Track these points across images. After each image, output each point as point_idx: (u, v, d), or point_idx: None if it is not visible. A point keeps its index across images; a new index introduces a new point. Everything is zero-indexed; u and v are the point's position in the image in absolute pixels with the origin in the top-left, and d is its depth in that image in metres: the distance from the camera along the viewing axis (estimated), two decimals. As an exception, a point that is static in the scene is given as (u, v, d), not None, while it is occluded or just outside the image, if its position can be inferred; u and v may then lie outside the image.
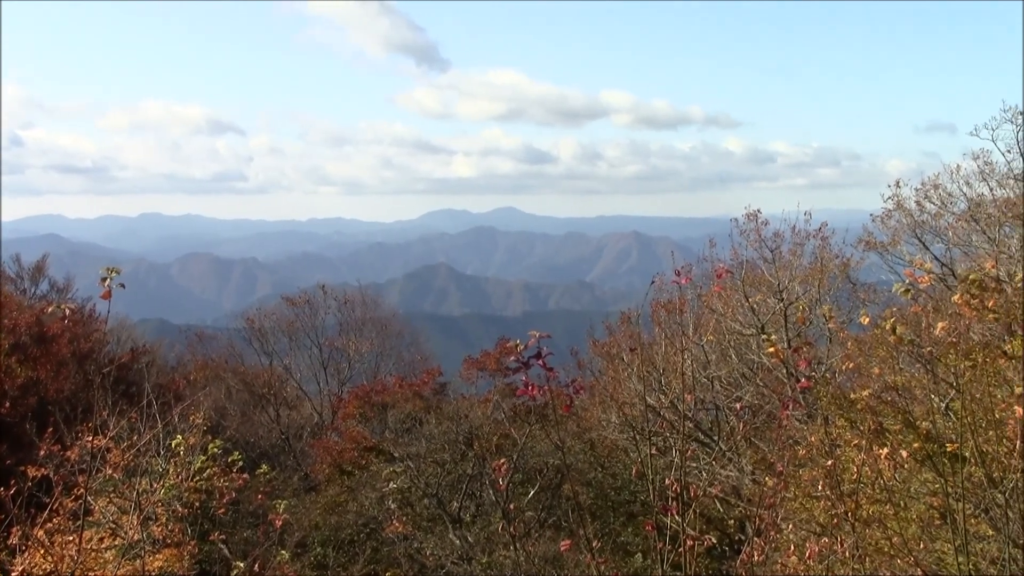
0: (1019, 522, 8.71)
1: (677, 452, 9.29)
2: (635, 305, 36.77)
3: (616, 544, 24.56)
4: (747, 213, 26.18)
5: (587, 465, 27.86)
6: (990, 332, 13.72)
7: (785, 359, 21.61)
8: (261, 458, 31.13)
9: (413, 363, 50.34)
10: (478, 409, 29.59)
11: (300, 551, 23.48)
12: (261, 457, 32.53)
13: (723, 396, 25.46)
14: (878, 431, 9.69)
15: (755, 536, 8.95)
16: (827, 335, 24.50)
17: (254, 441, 36.79)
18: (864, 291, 27.22)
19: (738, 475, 22.69)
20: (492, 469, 21.22)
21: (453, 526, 25.50)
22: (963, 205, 27.65)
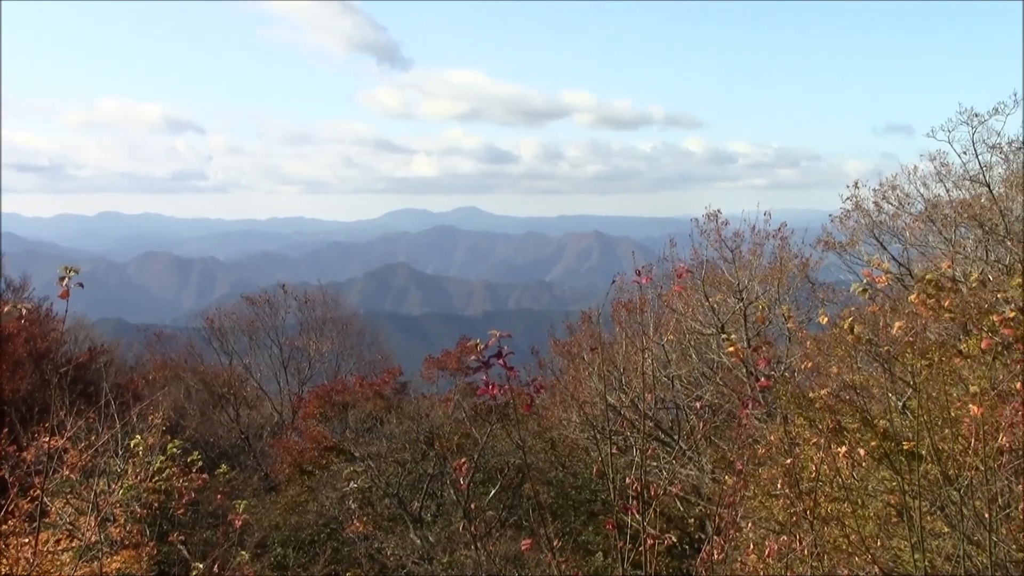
0: (974, 519, 8.81)
1: (638, 451, 9.33)
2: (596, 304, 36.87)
3: (577, 543, 24.61)
4: (707, 213, 26.32)
5: (548, 464, 27.89)
6: (946, 331, 13.86)
7: (745, 358, 21.72)
8: (221, 458, 30.98)
9: (374, 362, 50.25)
10: (439, 408, 29.59)
11: (260, 551, 23.37)
12: (221, 457, 32.37)
13: (683, 395, 25.57)
14: (836, 430, 9.76)
15: (715, 534, 9.01)
16: (786, 334, 24.65)
17: (213, 441, 36.59)
18: (823, 291, 27.42)
19: (698, 474, 22.79)
20: (453, 468, 21.24)
21: (414, 526, 25.47)
22: (920, 206, 27.91)
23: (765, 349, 18.86)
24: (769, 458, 11.48)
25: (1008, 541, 8.69)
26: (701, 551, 9.02)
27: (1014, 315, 8.16)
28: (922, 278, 8.84)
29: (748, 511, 11.31)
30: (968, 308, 9.83)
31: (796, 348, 23.09)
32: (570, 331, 36.20)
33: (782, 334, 25.42)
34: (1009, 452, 8.17)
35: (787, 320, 20.06)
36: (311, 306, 51.99)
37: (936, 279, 8.65)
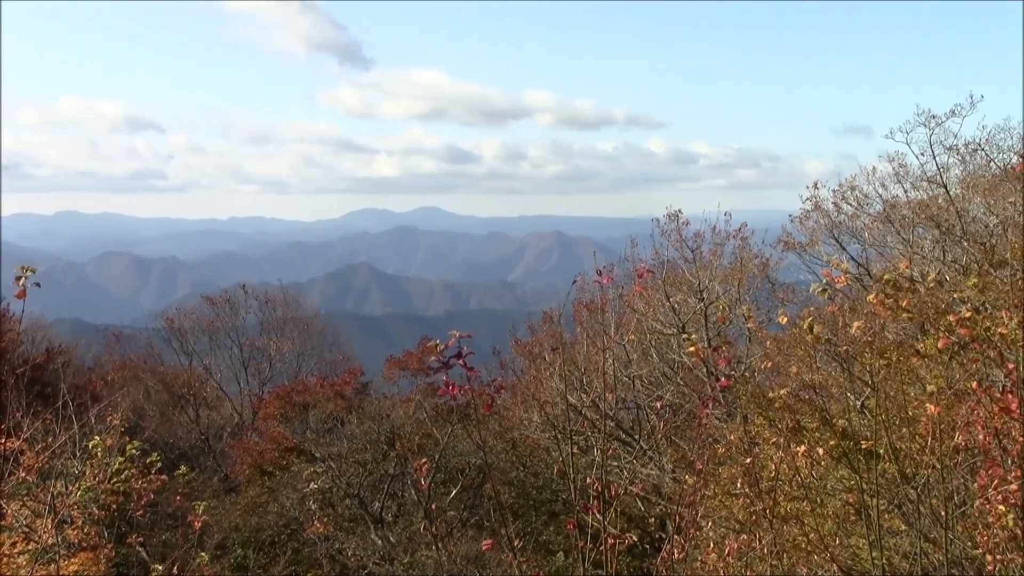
0: (930, 517, 8.88)
1: (598, 451, 9.34)
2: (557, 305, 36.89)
3: (538, 543, 24.63)
4: (668, 213, 26.40)
5: (509, 464, 27.90)
6: (904, 331, 13.97)
7: (705, 358, 21.79)
8: (180, 459, 30.78)
9: (335, 363, 50.06)
10: (400, 409, 29.54)
11: (220, 553, 23.26)
12: (180, 458, 32.16)
13: (644, 395, 25.63)
14: (796, 429, 9.81)
15: (675, 534, 9.03)
16: (746, 334, 24.78)
17: (173, 442, 36.37)
18: (783, 291, 27.58)
19: (659, 473, 22.85)
20: (414, 469, 21.22)
21: (375, 526, 25.44)
22: (879, 206, 28.12)
23: (725, 349, 18.93)
24: (729, 457, 11.53)
25: (963, 538, 8.77)
26: (662, 550, 9.05)
27: (970, 315, 8.24)
28: (880, 278, 8.90)
29: (708, 510, 11.36)
30: (925, 308, 9.91)
31: (756, 348, 23.23)
32: (531, 331, 36.20)
33: (742, 334, 25.55)
34: (965, 451, 8.25)
35: (747, 320, 20.16)
36: (272, 306, 51.75)
37: (894, 279, 8.72)
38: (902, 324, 12.39)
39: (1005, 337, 8.09)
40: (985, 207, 23.82)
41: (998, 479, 7.10)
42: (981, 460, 7.64)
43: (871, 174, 28.58)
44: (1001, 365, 8.64)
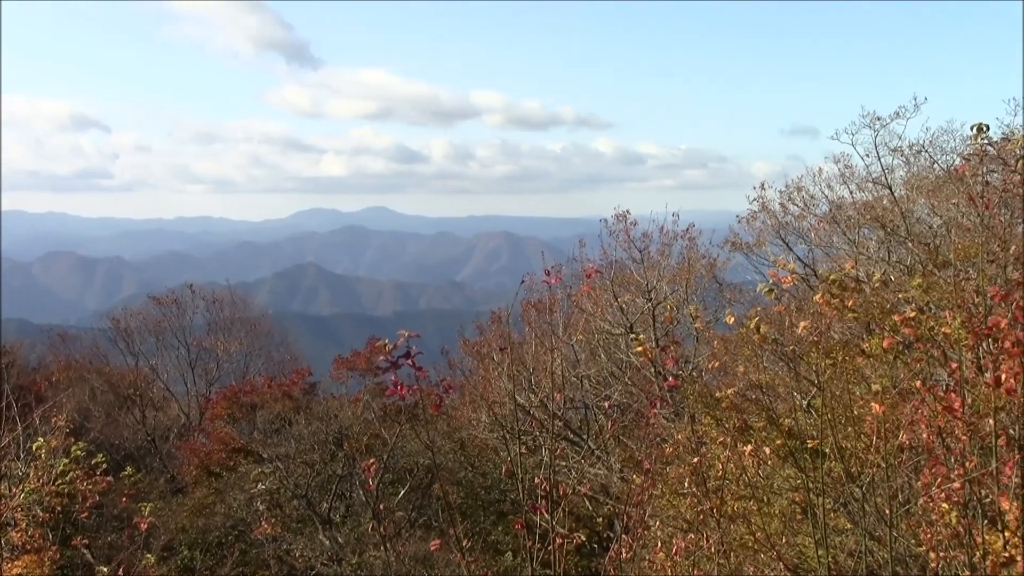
0: (875, 515, 8.95)
1: (547, 451, 9.35)
2: (506, 305, 36.84)
3: (486, 543, 24.64)
4: (616, 214, 26.46)
5: (457, 464, 27.90)
6: (850, 331, 14.09)
7: (653, 358, 21.87)
8: (126, 460, 30.47)
9: (283, 363, 49.84)
10: (348, 409, 29.43)
11: (166, 555, 23.07)
12: (126, 459, 31.83)
13: (592, 395, 25.70)
14: (743, 428, 9.86)
15: (623, 533, 9.05)
16: (694, 334, 24.88)
17: (119, 443, 36.02)
18: (730, 291, 27.74)
19: (607, 473, 22.91)
20: (362, 469, 21.15)
21: (323, 527, 25.34)
22: (825, 207, 28.35)
23: (673, 349, 18.99)
24: (677, 457, 11.56)
25: (908, 536, 8.84)
26: (610, 550, 9.06)
27: (914, 315, 8.31)
28: (826, 278, 8.97)
29: (656, 510, 11.39)
30: (871, 308, 9.98)
31: (703, 348, 23.34)
32: (480, 331, 36.23)
33: (690, 334, 25.65)
34: (909, 449, 8.31)
35: (695, 320, 20.23)
36: (219, 306, 51.39)
37: (840, 279, 8.78)
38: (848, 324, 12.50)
39: (949, 337, 8.16)
40: (929, 208, 24.06)
41: (941, 477, 7.15)
42: (925, 459, 7.70)
43: (817, 175, 28.83)
44: (945, 364, 8.71)
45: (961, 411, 7.05)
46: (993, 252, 11.40)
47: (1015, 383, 6.68)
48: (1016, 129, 22.39)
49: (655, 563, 9.85)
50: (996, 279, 10.46)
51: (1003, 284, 8.73)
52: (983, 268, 10.61)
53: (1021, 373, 6.65)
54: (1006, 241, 11.60)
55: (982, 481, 7.01)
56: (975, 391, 7.49)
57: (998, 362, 6.87)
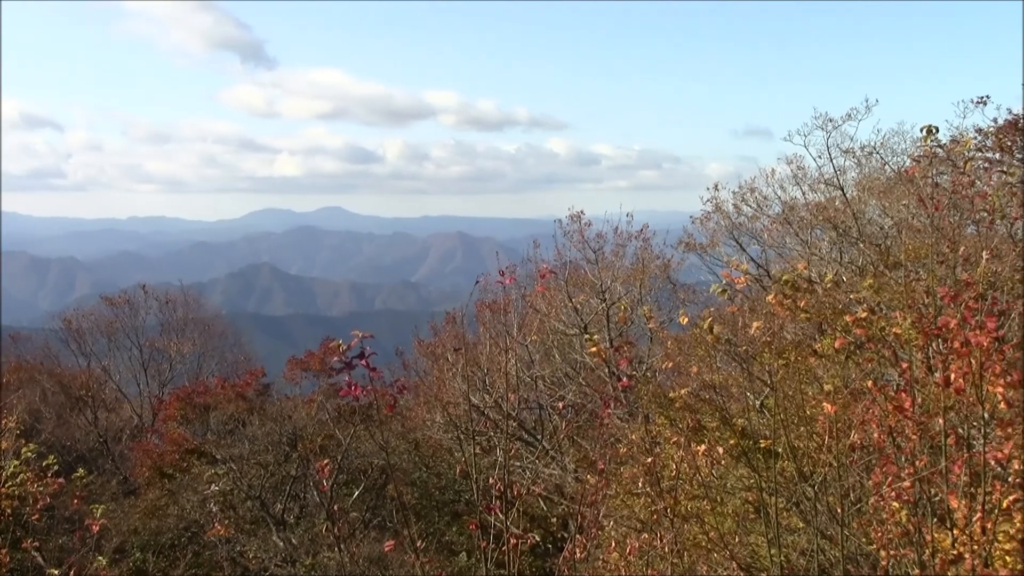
0: (827, 514, 9.01)
1: (501, 451, 9.35)
2: (460, 305, 36.79)
3: (441, 543, 24.62)
4: (571, 214, 26.48)
5: (412, 465, 27.86)
6: (802, 331, 14.18)
7: (607, 358, 21.95)
8: (78, 462, 30.19)
9: (236, 364, 49.56)
10: (302, 410, 29.32)
11: (118, 557, 22.89)
12: (78, 461, 31.54)
13: (547, 395, 25.71)
14: (696, 428, 9.89)
15: (577, 533, 9.06)
16: (648, 334, 24.98)
17: (70, 445, 35.68)
18: (683, 291, 27.87)
19: (561, 473, 22.94)
20: (316, 470, 21.06)
21: (277, 528, 25.22)
22: (777, 208, 28.55)
23: (627, 349, 19.07)
24: (631, 457, 11.59)
25: (859, 535, 8.90)
26: (564, 550, 9.07)
27: (866, 315, 8.37)
28: (779, 279, 9.02)
29: (610, 509, 11.42)
30: (823, 308, 10.06)
31: (657, 348, 23.43)
32: (434, 332, 36.18)
33: (644, 334, 25.76)
34: (860, 449, 8.37)
35: (648, 320, 20.35)
36: (172, 307, 51.01)
37: (792, 280, 8.83)
38: (800, 324, 12.57)
39: (899, 337, 8.23)
40: (880, 209, 24.27)
41: (892, 476, 7.21)
42: (876, 458, 7.76)
43: (770, 176, 29.05)
44: (895, 364, 8.79)
45: (911, 411, 7.11)
46: (943, 253, 11.51)
47: (964, 383, 6.75)
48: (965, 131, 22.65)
49: (609, 563, 9.87)
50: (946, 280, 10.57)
51: (952, 285, 8.82)
52: (933, 269, 10.72)
53: (970, 373, 6.71)
54: (955, 242, 11.72)
55: (931, 480, 7.07)
56: (925, 391, 7.56)
57: (947, 362, 6.93)
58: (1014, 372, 6.78)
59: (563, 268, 25.64)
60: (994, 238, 14.44)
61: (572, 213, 26.50)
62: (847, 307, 11.23)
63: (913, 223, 19.82)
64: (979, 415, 6.91)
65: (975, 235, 14.20)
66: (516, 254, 30.29)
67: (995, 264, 12.27)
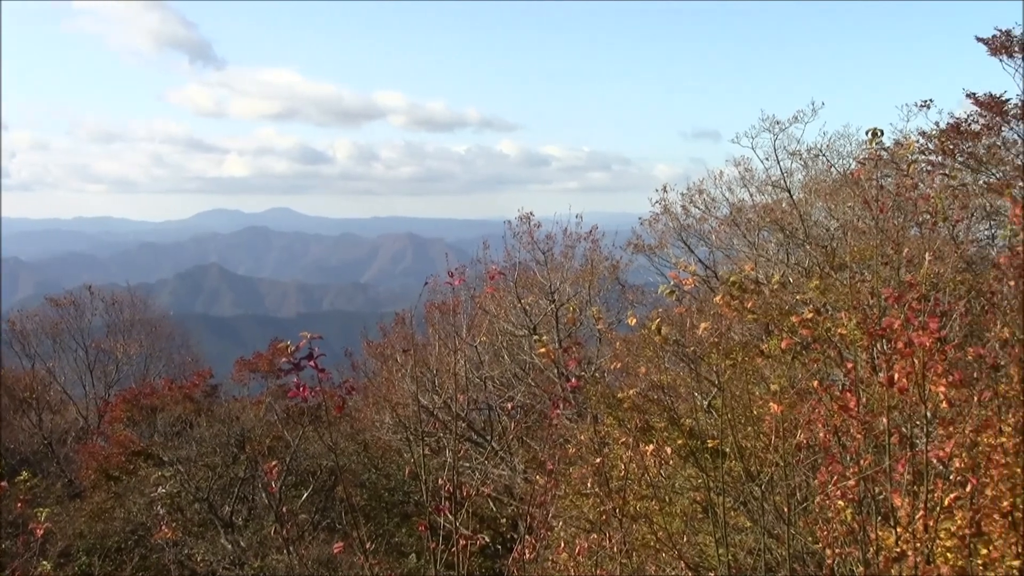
0: (774, 513, 9.09)
1: (450, 452, 9.36)
2: (409, 306, 36.70)
3: (390, 545, 24.57)
4: (520, 215, 26.52)
5: (361, 466, 27.80)
6: (749, 332, 14.29)
7: (556, 359, 22.01)
8: (22, 465, 29.92)
9: (184, 365, 49.16)
10: (250, 411, 29.17)
11: (63, 561, 22.67)
12: (22, 464, 31.25)
13: (496, 396, 25.73)
14: (644, 429, 9.96)
15: (527, 534, 9.08)
16: (596, 335, 25.08)
17: (14, 447, 35.31)
18: (632, 292, 27.98)
19: (510, 474, 22.97)
20: (264, 472, 20.99)
21: (225, 530, 25.08)
22: (725, 210, 28.74)
23: (575, 350, 19.15)
24: (579, 457, 11.64)
25: (805, 534, 9.00)
26: (513, 550, 9.09)
27: (812, 316, 8.45)
28: (727, 280, 9.08)
29: (559, 510, 11.45)
30: (770, 309, 10.15)
31: (606, 349, 23.52)
32: (384, 333, 36.12)
33: (592, 335, 25.86)
34: (806, 448, 8.45)
35: (597, 321, 20.42)
36: (119, 308, 50.51)
37: (740, 281, 8.90)
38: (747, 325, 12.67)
39: (845, 337, 8.32)
40: (826, 211, 24.50)
41: (837, 475, 7.29)
42: (822, 457, 7.84)
43: (718, 178, 29.24)
44: (841, 364, 8.89)
45: (856, 410, 7.19)
46: (887, 255, 11.64)
47: (907, 383, 6.83)
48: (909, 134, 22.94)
49: (558, 563, 9.90)
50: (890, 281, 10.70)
51: (896, 286, 8.94)
52: (877, 270, 10.84)
53: (913, 373, 6.80)
54: (899, 244, 11.85)
55: (876, 478, 7.16)
56: (869, 391, 7.65)
57: (891, 362, 7.02)
58: (956, 372, 6.88)
59: (512, 269, 25.68)
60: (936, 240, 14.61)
61: (521, 214, 26.54)
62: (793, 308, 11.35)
63: (858, 225, 20.02)
64: (922, 414, 7.00)
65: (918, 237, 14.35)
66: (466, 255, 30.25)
67: (937, 266, 12.44)
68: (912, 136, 23.48)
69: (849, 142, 27.34)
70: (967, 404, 7.14)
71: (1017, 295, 7.95)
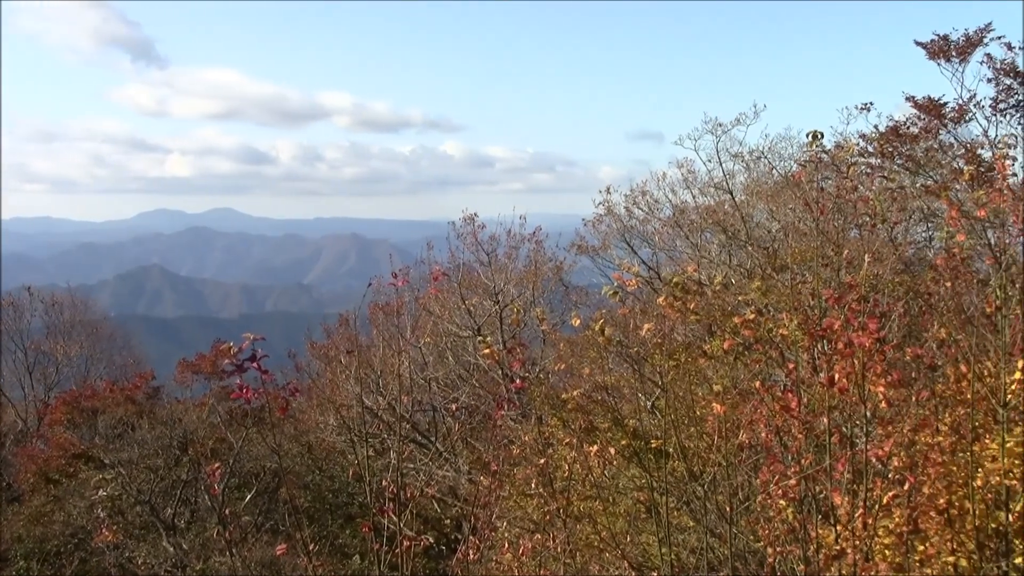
0: (716, 513, 9.16)
1: (394, 453, 9.36)
2: (353, 307, 36.60)
3: (334, 546, 24.51)
4: (464, 216, 26.51)
5: (304, 468, 27.69)
6: (692, 333, 14.39)
7: (500, 360, 22.02)
8: (-42, 469, 29.54)
9: (125, 367, 48.71)
10: (193, 413, 28.97)
11: (1, 565, 22.45)
12: (-42, 468, 30.87)
13: (440, 397, 25.73)
14: (588, 429, 9.99)
15: (471, 534, 9.09)
16: (541, 336, 25.13)
17: (-50, 452, 34.86)
18: (576, 293, 28.08)
19: (455, 475, 22.97)
20: (207, 474, 20.86)
21: (167, 533, 24.89)
22: (668, 211, 28.89)
23: (520, 351, 19.16)
24: (524, 458, 11.67)
25: (747, 532, 9.09)
26: (457, 551, 9.10)
27: (753, 317, 8.54)
28: (670, 281, 9.14)
29: (504, 511, 11.48)
30: (712, 310, 10.24)
31: (550, 350, 23.57)
32: (327, 334, 36.01)
33: (536, 336, 25.90)
34: (748, 448, 8.53)
35: (541, 322, 20.48)
36: (59, 309, 49.97)
37: (682, 282, 8.96)
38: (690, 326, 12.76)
39: (786, 338, 8.41)
40: (768, 213, 24.74)
41: (779, 475, 7.36)
42: (763, 457, 7.92)
43: (661, 179, 29.36)
44: (782, 365, 8.99)
45: (797, 410, 7.26)
46: (827, 256, 11.77)
47: (847, 383, 6.92)
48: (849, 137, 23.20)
49: (502, 564, 9.92)
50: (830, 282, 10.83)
51: (836, 287, 9.04)
52: (818, 272, 10.96)
53: (853, 373, 6.89)
54: (840, 245, 11.99)
55: (816, 477, 7.24)
56: (810, 391, 7.73)
57: (832, 363, 7.10)
58: (894, 372, 6.98)
59: (456, 270, 25.68)
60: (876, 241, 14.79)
61: (466, 215, 26.54)
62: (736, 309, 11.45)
63: (799, 227, 20.22)
64: (862, 414, 7.09)
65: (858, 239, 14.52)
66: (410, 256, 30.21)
67: (877, 267, 12.59)
68: (852, 139, 23.78)
69: (790, 144, 27.63)
70: (905, 404, 7.25)
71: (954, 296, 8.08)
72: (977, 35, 22.88)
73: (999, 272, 7.40)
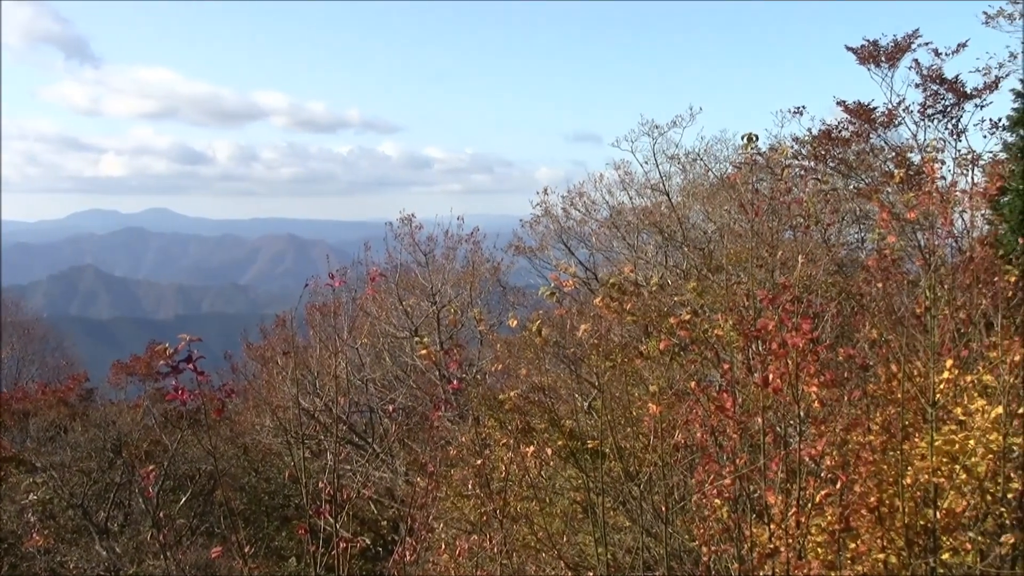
0: (652, 512, 9.21)
1: (331, 455, 9.32)
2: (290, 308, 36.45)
3: (270, 549, 24.36)
4: (402, 217, 26.50)
5: (240, 470, 27.48)
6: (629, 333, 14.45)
7: (437, 361, 22.02)
8: None
9: (58, 369, 48.12)
10: (127, 415, 28.63)
11: (-72, 571, 22.08)
12: None
13: (377, 398, 25.67)
14: (525, 430, 10.00)
15: (408, 536, 9.08)
16: (478, 337, 25.17)
17: None
18: (513, 294, 28.14)
19: (392, 476, 22.92)
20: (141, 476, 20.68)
21: (100, 537, 24.59)
22: (605, 212, 29.06)
23: (457, 352, 19.18)
24: (461, 459, 11.67)
25: (682, 532, 9.14)
26: (394, 552, 9.08)
27: (689, 318, 8.59)
28: (606, 282, 9.18)
29: (441, 512, 11.46)
30: (648, 311, 10.29)
31: (487, 351, 23.61)
32: (264, 335, 35.81)
33: (474, 337, 25.93)
34: (684, 448, 8.59)
35: (479, 323, 20.51)
36: (-11, 310, 49.36)
37: (619, 283, 9.00)
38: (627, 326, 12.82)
39: (721, 338, 8.48)
40: (704, 214, 24.94)
41: (714, 474, 7.42)
42: (699, 456, 7.98)
43: (599, 181, 29.53)
44: (717, 365, 9.05)
45: (732, 410, 7.33)
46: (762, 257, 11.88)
47: (781, 383, 6.99)
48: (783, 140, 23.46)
49: (439, 564, 9.92)
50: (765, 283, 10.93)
51: (771, 288, 9.13)
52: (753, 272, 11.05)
53: (787, 373, 6.96)
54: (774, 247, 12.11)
55: (751, 477, 7.31)
56: (745, 391, 7.80)
57: (766, 363, 7.17)
58: (827, 372, 7.06)
59: (394, 271, 25.64)
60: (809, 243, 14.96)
61: (403, 216, 26.53)
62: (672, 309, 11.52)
63: (735, 228, 20.40)
64: (795, 414, 7.17)
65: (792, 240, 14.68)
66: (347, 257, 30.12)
67: (810, 268, 12.73)
68: (786, 142, 24.07)
69: (726, 147, 27.90)
70: (838, 403, 7.34)
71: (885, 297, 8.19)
72: (905, 40, 23.21)
73: (928, 273, 7.51)
